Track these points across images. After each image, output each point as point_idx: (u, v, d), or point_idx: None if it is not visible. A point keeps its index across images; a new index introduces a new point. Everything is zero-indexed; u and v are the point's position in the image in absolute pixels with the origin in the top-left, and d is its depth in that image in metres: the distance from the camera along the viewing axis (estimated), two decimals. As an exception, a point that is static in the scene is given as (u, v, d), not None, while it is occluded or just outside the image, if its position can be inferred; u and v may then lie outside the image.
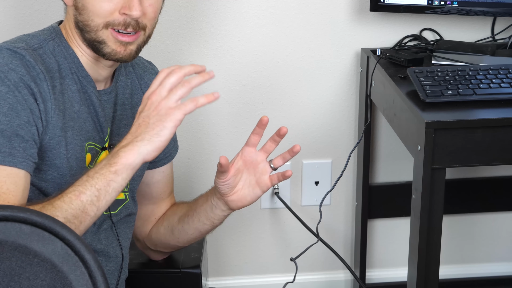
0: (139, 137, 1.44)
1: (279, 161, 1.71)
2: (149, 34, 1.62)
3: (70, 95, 1.57)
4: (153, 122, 1.44)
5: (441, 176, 1.80)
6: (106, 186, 1.44)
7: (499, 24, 2.30)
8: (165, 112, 1.44)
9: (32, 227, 1.19)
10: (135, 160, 1.44)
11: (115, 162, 1.44)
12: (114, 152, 1.45)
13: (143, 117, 1.46)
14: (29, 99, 1.48)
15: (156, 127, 1.44)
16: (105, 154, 1.64)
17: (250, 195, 1.70)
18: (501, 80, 1.90)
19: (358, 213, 2.42)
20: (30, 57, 1.51)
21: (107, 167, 1.44)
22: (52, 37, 1.60)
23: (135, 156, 1.44)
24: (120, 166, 1.44)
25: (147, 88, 1.74)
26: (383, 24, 2.29)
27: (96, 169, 1.45)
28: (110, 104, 1.66)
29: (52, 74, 1.55)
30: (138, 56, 1.78)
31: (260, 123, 1.68)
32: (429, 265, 1.85)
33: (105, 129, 1.64)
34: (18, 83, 1.48)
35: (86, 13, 1.56)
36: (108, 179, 1.44)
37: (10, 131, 1.45)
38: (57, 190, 1.53)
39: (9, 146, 1.45)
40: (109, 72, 1.65)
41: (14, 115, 1.46)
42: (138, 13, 1.55)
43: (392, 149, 2.41)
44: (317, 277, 2.52)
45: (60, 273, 1.18)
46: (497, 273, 2.56)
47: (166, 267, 1.89)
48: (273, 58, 2.30)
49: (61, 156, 1.55)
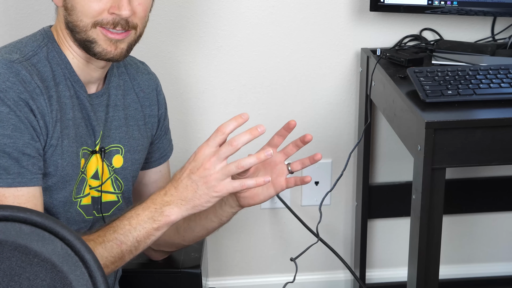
0: (184, 201, 1.53)
1: (297, 165, 1.70)
2: (140, 33, 1.61)
3: (64, 102, 1.58)
4: (201, 193, 1.52)
5: (441, 176, 1.80)
6: (146, 239, 1.54)
7: (499, 24, 2.30)
8: (214, 185, 1.51)
9: (32, 227, 1.19)
10: (177, 219, 1.54)
11: (159, 220, 1.53)
12: (158, 206, 1.53)
13: (192, 180, 1.52)
14: (30, 117, 1.50)
15: (203, 199, 1.52)
16: (95, 157, 1.64)
17: (264, 194, 1.69)
18: (501, 80, 1.90)
19: (358, 213, 2.42)
20: (25, 71, 1.51)
21: (150, 223, 1.53)
22: (45, 43, 1.60)
23: (178, 216, 1.54)
24: (162, 223, 1.54)
25: (139, 88, 1.74)
26: (383, 24, 2.29)
27: (139, 219, 1.53)
28: (102, 107, 1.66)
29: (47, 83, 1.55)
30: (130, 56, 1.78)
31: (287, 126, 1.69)
32: (429, 265, 1.85)
33: (97, 132, 1.64)
34: (18, 102, 1.48)
35: (75, 14, 1.55)
36: (149, 233, 1.54)
37: (16, 151, 1.48)
38: (48, 197, 1.56)
39: (17, 166, 1.48)
40: (101, 73, 1.64)
41: (18, 135, 1.48)
42: (127, 12, 1.54)
43: (392, 149, 2.41)
44: (317, 277, 2.52)
45: (60, 273, 1.18)
46: (497, 273, 2.56)
47: (166, 267, 1.89)
48: (273, 58, 2.30)
49: (54, 164, 1.56)
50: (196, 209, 1.53)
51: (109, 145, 1.67)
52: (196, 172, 1.51)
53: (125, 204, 1.72)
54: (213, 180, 1.50)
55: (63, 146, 1.56)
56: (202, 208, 1.53)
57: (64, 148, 1.56)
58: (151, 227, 1.53)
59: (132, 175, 1.73)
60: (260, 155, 1.51)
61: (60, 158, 1.56)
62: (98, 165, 1.65)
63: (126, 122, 1.70)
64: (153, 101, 1.76)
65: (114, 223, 1.54)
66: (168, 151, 1.85)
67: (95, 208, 1.66)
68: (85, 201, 1.63)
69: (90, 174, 1.64)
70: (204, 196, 1.51)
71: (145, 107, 1.75)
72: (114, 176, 1.68)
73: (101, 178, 1.65)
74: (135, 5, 1.57)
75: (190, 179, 1.52)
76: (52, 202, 1.57)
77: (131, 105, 1.72)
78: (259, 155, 1.51)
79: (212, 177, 1.50)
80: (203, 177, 1.50)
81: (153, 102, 1.76)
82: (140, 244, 1.54)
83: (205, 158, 1.50)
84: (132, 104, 1.72)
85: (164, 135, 1.82)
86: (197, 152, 1.52)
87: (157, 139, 1.80)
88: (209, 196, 1.51)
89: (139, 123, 1.73)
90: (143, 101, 1.74)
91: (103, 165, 1.65)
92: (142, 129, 1.73)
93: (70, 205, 1.60)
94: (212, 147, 1.50)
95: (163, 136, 1.81)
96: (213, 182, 1.50)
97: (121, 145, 1.69)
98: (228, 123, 1.53)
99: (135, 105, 1.73)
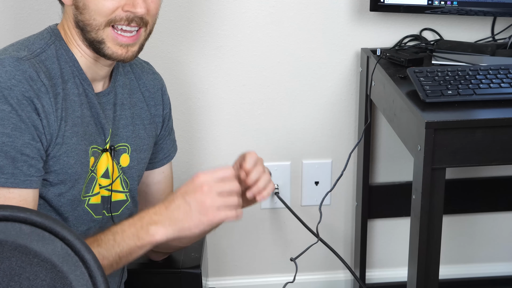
0: (173, 221, 1.50)
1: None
2: (150, 30, 1.61)
3: (73, 100, 1.57)
4: (192, 216, 1.49)
5: (441, 176, 1.80)
6: (128, 255, 1.52)
7: (499, 24, 2.30)
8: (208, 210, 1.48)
9: (32, 227, 1.19)
10: (161, 239, 1.50)
11: (143, 238, 1.50)
12: (145, 224, 1.50)
13: (186, 201, 1.49)
14: (32, 116, 1.49)
15: (192, 222, 1.49)
16: (105, 156, 1.64)
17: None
18: (501, 80, 1.90)
19: (358, 213, 2.42)
20: (32, 69, 1.50)
21: (134, 240, 1.50)
22: (52, 41, 1.59)
23: (162, 237, 1.50)
24: (146, 242, 1.50)
25: (145, 88, 1.74)
26: (383, 24, 2.29)
27: (124, 236, 1.51)
28: (110, 105, 1.66)
29: (55, 80, 1.54)
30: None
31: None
32: (429, 265, 1.85)
33: (107, 130, 1.64)
34: (21, 101, 1.48)
35: (87, 12, 1.55)
36: (132, 251, 1.51)
37: (14, 151, 1.47)
38: (56, 195, 1.55)
39: (12, 167, 1.47)
40: (107, 71, 1.64)
41: (17, 135, 1.47)
42: (143, 10, 1.54)
43: (392, 149, 2.41)
44: (317, 277, 2.52)
45: (60, 273, 1.18)
46: (497, 273, 2.56)
47: (166, 267, 1.89)
48: (273, 58, 2.30)
49: (61, 162, 1.55)
50: (183, 233, 1.50)
51: (117, 143, 1.67)
52: (191, 194, 1.49)
53: (132, 203, 1.72)
54: (208, 205, 1.48)
55: (71, 144, 1.55)
56: (189, 232, 1.50)
57: (72, 146, 1.55)
58: (135, 245, 1.50)
59: (138, 174, 1.73)
60: None
61: (67, 156, 1.55)
62: (109, 164, 1.64)
63: (132, 121, 1.70)
64: (158, 101, 1.76)
65: (100, 236, 1.53)
66: (171, 152, 1.85)
67: (105, 208, 1.66)
68: (94, 200, 1.63)
69: (100, 172, 1.63)
70: (195, 219, 1.49)
71: (151, 107, 1.75)
72: (122, 175, 1.68)
73: (111, 176, 1.65)
74: (149, 3, 1.57)
75: (184, 200, 1.49)
76: (60, 200, 1.57)
77: (137, 104, 1.72)
78: None
79: (207, 202, 1.48)
80: (198, 200, 1.48)
81: (158, 102, 1.76)
82: (122, 260, 1.51)
83: (205, 183, 1.49)
84: (138, 103, 1.72)
85: (168, 136, 1.82)
86: (195, 177, 1.50)
87: (161, 139, 1.80)
88: (199, 221, 1.49)
89: (144, 122, 1.73)
90: (148, 101, 1.74)
91: (113, 164, 1.65)
92: (147, 128, 1.73)
93: (78, 203, 1.60)
94: (213, 177, 1.49)
95: (167, 137, 1.81)
96: (207, 207, 1.48)
97: (128, 144, 1.69)
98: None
99: (141, 104, 1.73)
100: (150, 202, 1.85)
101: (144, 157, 1.73)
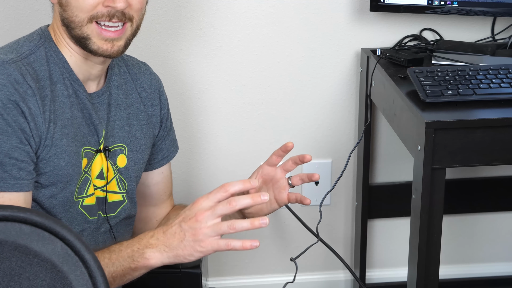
0: (169, 248, 1.49)
1: (297, 181, 1.74)
2: (137, 25, 1.60)
3: (62, 101, 1.57)
4: (186, 244, 1.48)
5: (441, 176, 1.80)
6: (122, 277, 1.51)
7: (499, 24, 2.30)
8: (201, 239, 1.47)
9: (32, 227, 1.19)
10: (156, 264, 1.50)
11: (137, 261, 1.50)
12: (141, 247, 1.50)
13: (181, 229, 1.48)
14: (19, 119, 1.48)
15: (186, 250, 1.48)
16: (99, 157, 1.63)
17: (268, 208, 1.75)
18: (501, 80, 1.90)
19: (358, 213, 2.42)
20: (18, 72, 1.50)
21: (129, 262, 1.50)
22: (41, 42, 1.59)
23: (157, 262, 1.50)
24: (140, 265, 1.50)
25: (142, 88, 1.74)
26: (383, 24, 2.29)
27: (119, 256, 1.50)
28: (103, 106, 1.65)
29: (42, 82, 1.54)
30: (131, 56, 1.78)
31: (284, 148, 1.71)
32: (429, 265, 1.85)
33: (100, 131, 1.64)
34: (7, 104, 1.47)
35: (70, 9, 1.55)
36: (126, 272, 1.51)
37: (2, 155, 1.46)
38: (47, 197, 1.55)
39: (1, 171, 1.47)
40: (100, 70, 1.63)
41: (4, 139, 1.47)
42: (122, 4, 1.53)
43: (392, 149, 2.41)
44: (317, 277, 2.52)
45: (60, 273, 1.18)
46: (497, 273, 2.56)
47: (166, 267, 1.88)
48: (273, 58, 2.30)
49: (51, 164, 1.54)
50: (178, 260, 1.49)
51: (113, 144, 1.66)
52: (187, 222, 1.48)
53: (129, 204, 1.72)
54: (201, 234, 1.46)
55: (61, 146, 1.55)
56: (184, 260, 1.49)
57: (62, 148, 1.55)
58: (129, 267, 1.50)
59: (136, 175, 1.72)
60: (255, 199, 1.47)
61: (57, 158, 1.54)
62: (103, 165, 1.64)
63: (128, 121, 1.69)
64: (155, 101, 1.76)
65: (98, 252, 1.52)
66: (171, 152, 1.84)
67: (101, 209, 1.66)
68: (88, 201, 1.63)
69: (95, 174, 1.63)
70: (189, 248, 1.47)
71: (148, 107, 1.74)
72: (119, 176, 1.68)
73: (106, 177, 1.65)
74: None
75: (180, 227, 1.48)
76: (52, 202, 1.57)
77: (134, 105, 1.72)
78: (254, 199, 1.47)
79: (201, 231, 1.46)
80: (192, 229, 1.47)
81: (156, 102, 1.76)
82: (115, 280, 1.51)
83: (200, 210, 1.47)
84: (134, 104, 1.72)
85: (167, 136, 1.81)
86: (194, 202, 1.49)
87: (160, 140, 1.79)
88: (193, 249, 1.47)
89: (141, 122, 1.72)
90: (145, 101, 1.74)
91: (107, 165, 1.65)
92: (144, 129, 1.73)
93: (71, 205, 1.59)
94: (211, 202, 1.47)
95: (166, 137, 1.81)
96: (200, 236, 1.46)
97: (125, 145, 1.68)
98: (234, 184, 1.48)
99: (138, 104, 1.72)
100: (151, 203, 1.85)
101: (142, 157, 1.73)
